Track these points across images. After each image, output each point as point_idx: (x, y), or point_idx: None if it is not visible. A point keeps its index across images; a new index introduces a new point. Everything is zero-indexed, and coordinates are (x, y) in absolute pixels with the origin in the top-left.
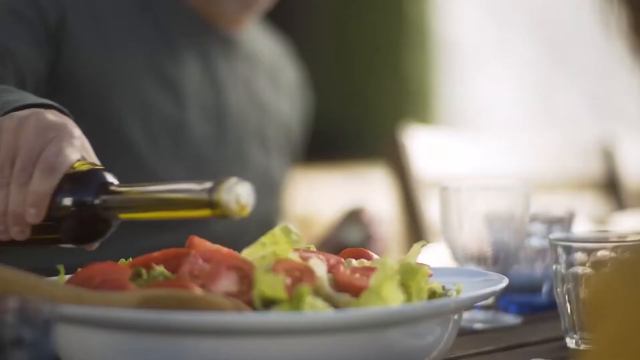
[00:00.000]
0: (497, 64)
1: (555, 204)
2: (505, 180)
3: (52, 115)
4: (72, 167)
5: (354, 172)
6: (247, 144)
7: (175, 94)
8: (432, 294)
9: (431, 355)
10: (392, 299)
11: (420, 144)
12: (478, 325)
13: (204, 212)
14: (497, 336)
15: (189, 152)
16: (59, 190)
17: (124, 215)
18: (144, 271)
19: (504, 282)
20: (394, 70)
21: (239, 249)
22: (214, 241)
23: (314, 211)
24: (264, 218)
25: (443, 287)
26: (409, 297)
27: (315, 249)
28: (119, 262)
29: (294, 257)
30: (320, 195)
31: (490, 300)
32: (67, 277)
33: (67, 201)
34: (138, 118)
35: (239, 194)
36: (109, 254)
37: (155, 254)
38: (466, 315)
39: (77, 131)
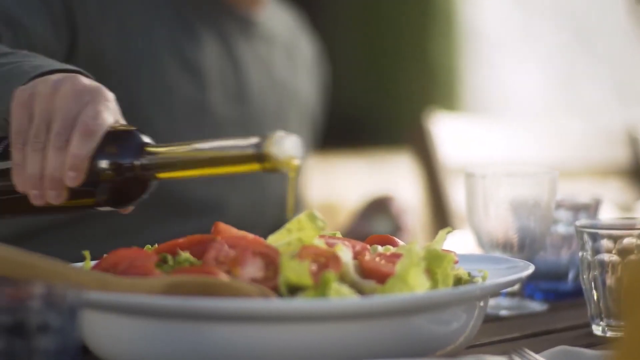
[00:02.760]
0: (523, 51)
1: (580, 191)
2: (531, 167)
3: (86, 80)
4: (108, 130)
5: (378, 159)
6: (267, 125)
7: (197, 76)
8: (458, 281)
9: (457, 341)
10: (418, 286)
11: (446, 130)
12: (503, 312)
13: (253, 167)
14: (523, 323)
15: (211, 134)
16: (98, 153)
17: (163, 175)
18: (169, 257)
19: (530, 269)
20: (420, 57)
21: (259, 230)
22: (234, 223)
23: (338, 198)
24: (284, 200)
25: (469, 274)
26: (434, 284)
27: (341, 236)
28: (144, 248)
29: (320, 243)
30: (345, 182)
31: (515, 287)
32: (93, 263)
33: (106, 163)
34: (159, 102)
35: (288, 147)
36: (135, 240)
37: (181, 240)
38: (492, 302)
39: (110, 95)
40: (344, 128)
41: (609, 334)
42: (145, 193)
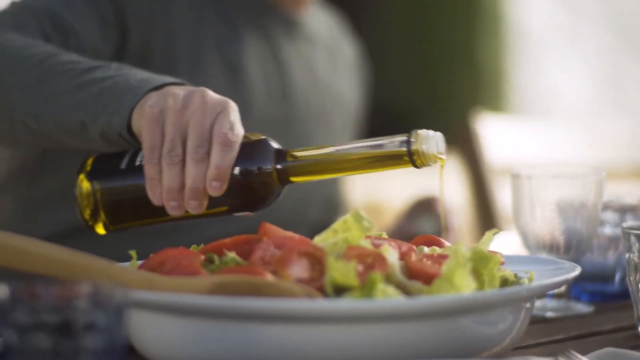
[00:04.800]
0: (570, 52)
1: (627, 192)
2: (577, 168)
3: (211, 92)
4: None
5: None
6: (311, 127)
7: (240, 77)
8: (504, 282)
9: (503, 343)
10: (464, 287)
11: (492, 131)
12: (550, 314)
13: (403, 165)
14: (569, 325)
15: None
16: (236, 162)
17: (297, 179)
18: (215, 257)
19: (576, 271)
20: (467, 57)
21: (303, 228)
22: (278, 222)
23: (384, 198)
24: (327, 199)
25: (515, 275)
26: (481, 285)
27: (387, 237)
28: (190, 248)
29: (366, 244)
30: (391, 182)
31: (562, 289)
32: (139, 262)
33: (246, 171)
34: None
35: (435, 143)
36: (181, 240)
37: (227, 240)
38: (538, 303)
39: (235, 106)
40: (391, 128)
41: None
42: (278, 197)
